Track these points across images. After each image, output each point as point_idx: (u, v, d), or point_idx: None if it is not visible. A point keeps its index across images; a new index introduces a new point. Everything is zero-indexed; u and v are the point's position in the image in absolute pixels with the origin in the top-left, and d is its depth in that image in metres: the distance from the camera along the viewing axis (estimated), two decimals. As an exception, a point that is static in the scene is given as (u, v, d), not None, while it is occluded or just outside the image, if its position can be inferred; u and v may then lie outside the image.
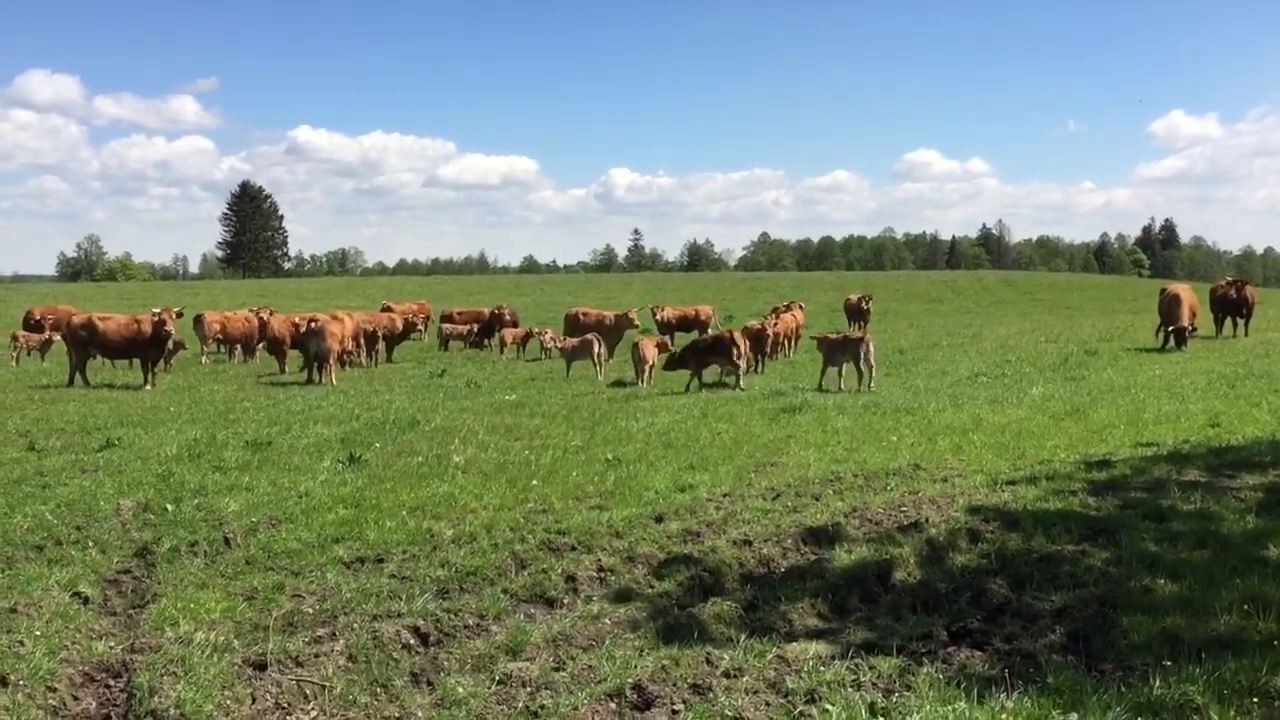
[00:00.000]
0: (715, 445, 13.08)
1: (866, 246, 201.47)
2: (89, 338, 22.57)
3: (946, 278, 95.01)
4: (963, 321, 43.78)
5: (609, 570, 8.17)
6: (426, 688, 6.19)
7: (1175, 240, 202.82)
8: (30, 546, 8.84)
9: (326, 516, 9.66)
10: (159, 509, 10.08)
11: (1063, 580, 7.50)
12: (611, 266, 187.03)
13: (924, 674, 6.04)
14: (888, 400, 16.92)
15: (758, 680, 6.13)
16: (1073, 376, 20.04)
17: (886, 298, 59.62)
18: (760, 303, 51.41)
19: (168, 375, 24.28)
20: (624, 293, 66.25)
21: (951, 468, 11.18)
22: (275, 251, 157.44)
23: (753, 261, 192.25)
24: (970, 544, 8.40)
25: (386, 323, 29.48)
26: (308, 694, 6.09)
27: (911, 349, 28.34)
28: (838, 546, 8.48)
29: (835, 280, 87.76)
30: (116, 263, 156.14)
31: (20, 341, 28.85)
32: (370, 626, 7.03)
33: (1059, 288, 77.68)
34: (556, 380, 22.45)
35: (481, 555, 8.47)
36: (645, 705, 5.87)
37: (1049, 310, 55.42)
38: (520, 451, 12.87)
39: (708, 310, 34.57)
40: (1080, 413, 14.77)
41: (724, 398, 18.11)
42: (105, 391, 21.18)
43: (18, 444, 13.82)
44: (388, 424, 15.33)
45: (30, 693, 5.98)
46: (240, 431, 14.76)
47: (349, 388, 21.70)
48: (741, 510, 9.60)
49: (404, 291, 66.96)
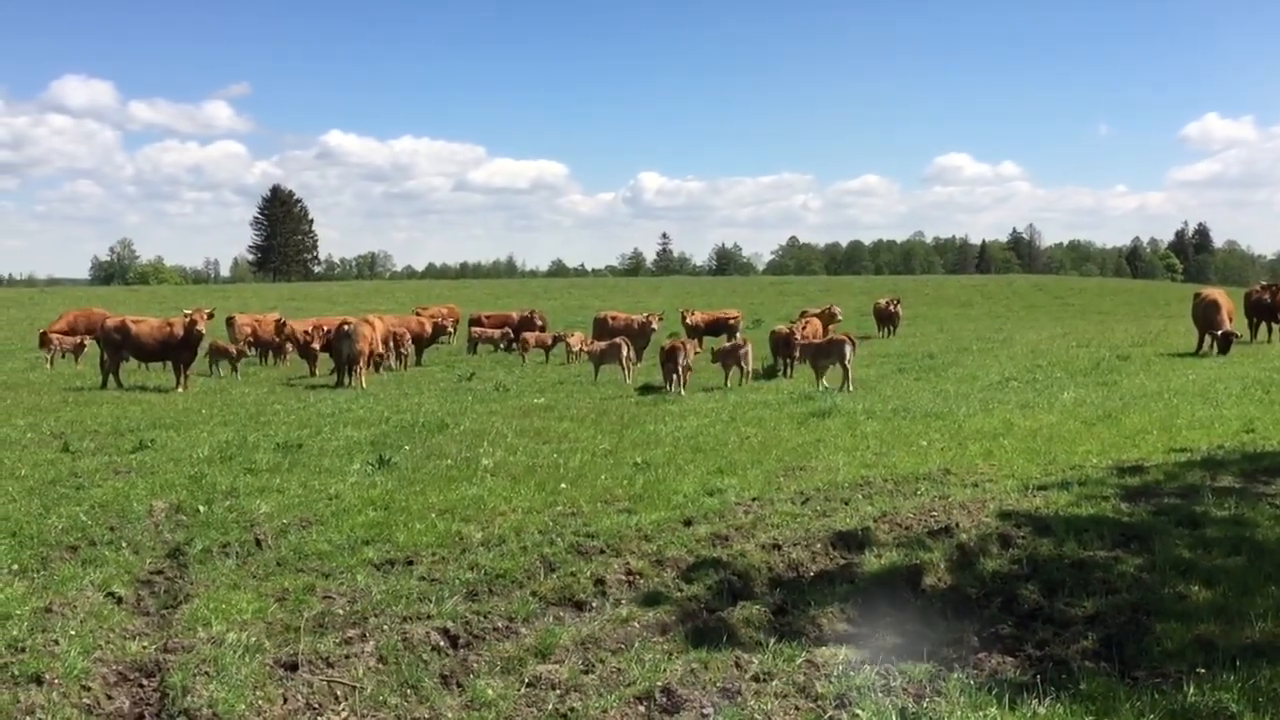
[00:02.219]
0: (744, 449, 13.05)
1: (896, 250, 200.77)
2: (122, 340, 22.79)
3: (977, 282, 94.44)
4: (993, 326, 43.49)
5: (638, 574, 8.16)
6: (456, 689, 6.21)
7: (1209, 244, 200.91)
8: (65, 547, 8.94)
9: (356, 519, 9.71)
10: (191, 510, 10.16)
11: (1095, 586, 7.44)
12: (640, 270, 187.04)
13: (955, 680, 6.01)
14: (917, 405, 16.84)
15: (787, 684, 6.12)
16: (1105, 381, 19.87)
17: (916, 302, 59.38)
18: (789, 307, 51.28)
19: (220, 377, 24.47)
20: (652, 297, 66.27)
21: (982, 473, 11.11)
22: (305, 255, 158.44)
23: (781, 266, 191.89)
24: (1001, 549, 8.35)
25: (415, 326, 29.60)
26: (338, 694, 6.13)
27: (941, 353, 28.20)
28: (867, 551, 8.44)
29: (864, 284, 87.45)
30: (149, 266, 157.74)
31: (55, 344, 29.14)
32: (400, 628, 7.06)
33: (1091, 292, 77.11)
34: (585, 384, 22.48)
35: (510, 558, 8.49)
36: (674, 708, 5.87)
37: (1080, 315, 55.01)
38: (549, 455, 12.88)
39: (737, 314, 34.51)
40: (1112, 418, 14.64)
41: (753, 402, 18.08)
42: (138, 394, 21.37)
43: (52, 445, 13.96)
44: (417, 427, 15.39)
45: (65, 691, 6.04)
46: (271, 434, 14.85)
47: (378, 391, 21.80)
48: (770, 514, 9.58)
49: (433, 295, 67.18)
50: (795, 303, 53.25)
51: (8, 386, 22.79)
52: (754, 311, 48.17)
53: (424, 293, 73.46)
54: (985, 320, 50.27)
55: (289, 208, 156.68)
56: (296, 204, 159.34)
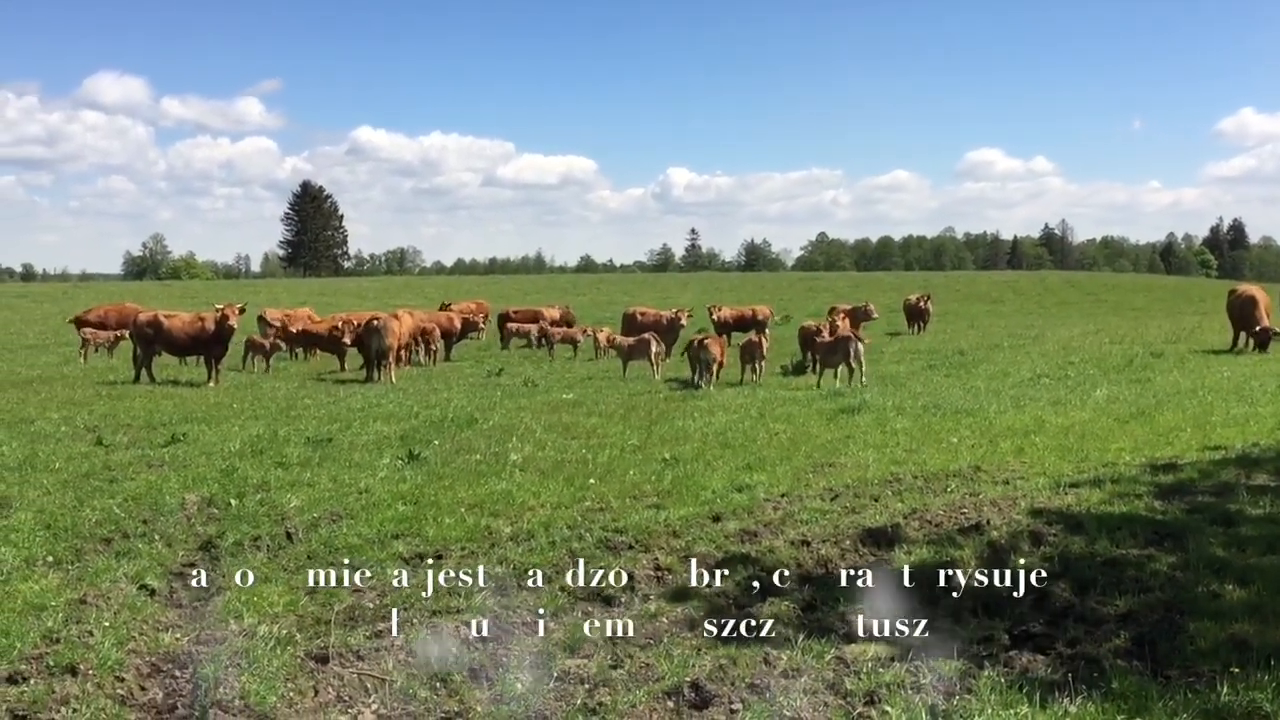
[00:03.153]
0: (773, 445, 13.02)
1: (926, 247, 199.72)
2: (155, 335, 22.97)
3: (1008, 278, 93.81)
4: (1024, 323, 43.22)
5: (666, 569, 8.16)
6: (485, 683, 6.22)
7: (1244, 240, 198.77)
8: (98, 539, 9.03)
9: (386, 513, 9.75)
10: (223, 504, 10.23)
11: (1128, 585, 7.38)
12: (668, 266, 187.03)
13: (985, 677, 5.98)
14: (948, 401, 16.75)
15: (816, 681, 6.10)
16: (1138, 379, 19.71)
17: (946, 298, 59.06)
18: (818, 303, 51.15)
19: (243, 373, 24.63)
20: (681, 292, 66.20)
21: (1013, 470, 11.04)
22: (335, 251, 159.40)
23: (810, 261, 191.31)
24: (1032, 547, 8.30)
25: (445, 322, 29.69)
26: (369, 687, 6.16)
27: (972, 350, 28.04)
28: (897, 548, 8.42)
29: (894, 281, 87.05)
30: (181, 262, 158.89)
31: (89, 339, 29.42)
32: (429, 622, 7.09)
33: (1124, 289, 76.49)
34: (613, 379, 22.48)
35: (539, 553, 8.50)
36: (703, 704, 5.86)
37: (1113, 311, 54.59)
38: (577, 450, 12.90)
39: (765, 310, 34.42)
40: (1146, 415, 14.53)
41: (782, 398, 18.04)
42: (170, 388, 21.54)
43: (86, 439, 14.09)
44: (446, 422, 15.44)
45: (99, 682, 6.10)
46: (301, 428, 14.94)
47: (407, 385, 21.89)
48: (799, 511, 9.56)
49: (462, 290, 67.43)
50: (825, 299, 53.11)
51: (42, 380, 23.03)
52: (783, 307, 48.03)
53: (453, 288, 73.71)
54: (1016, 317, 49.96)
55: (319, 203, 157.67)
56: (326, 200, 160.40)
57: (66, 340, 32.39)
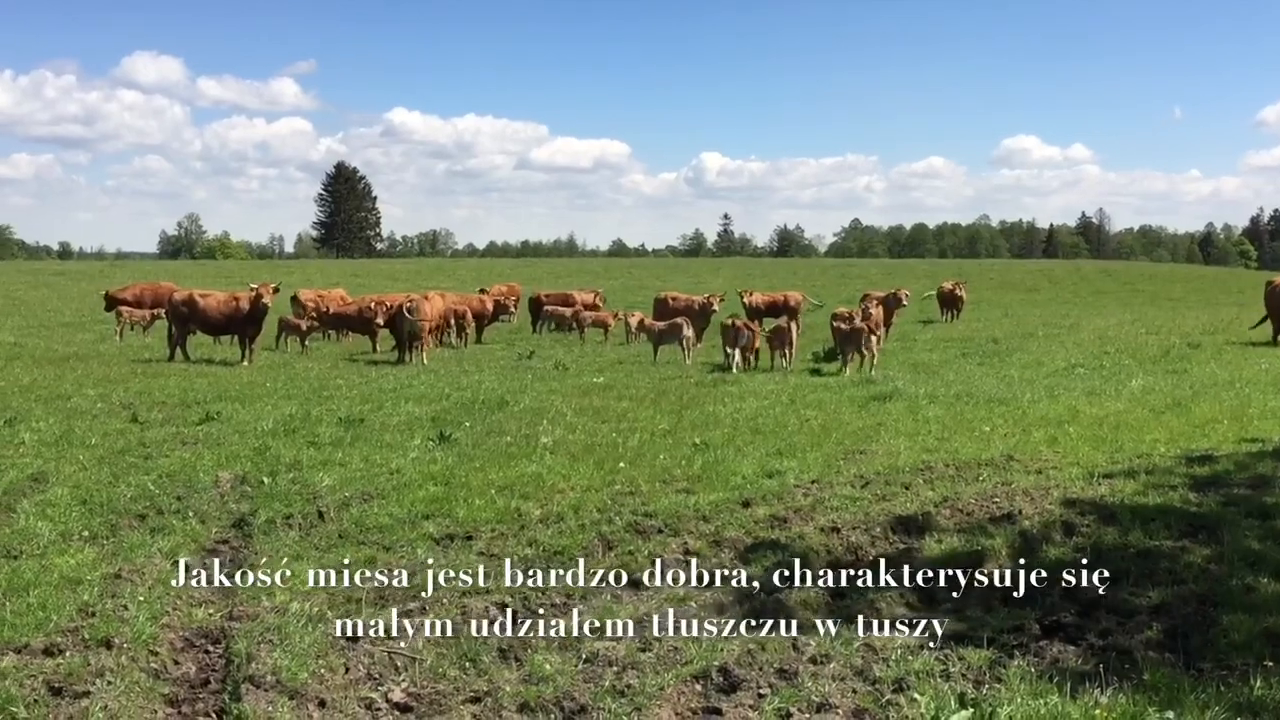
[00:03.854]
0: (804, 432, 12.99)
1: (960, 234, 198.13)
2: (190, 314, 23.16)
3: (1043, 267, 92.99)
4: (1059, 312, 42.84)
5: (695, 553, 8.16)
6: (514, 663, 6.25)
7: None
8: (133, 515, 9.14)
9: (417, 493, 9.80)
10: (256, 482, 10.32)
11: (1161, 576, 7.33)
12: (700, 251, 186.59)
13: (1015, 666, 5.96)
14: (980, 390, 16.65)
15: (845, 667, 6.09)
16: (1174, 369, 19.52)
17: (981, 286, 58.61)
18: (851, 289, 50.89)
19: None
20: (713, 278, 65.99)
21: (1046, 460, 10.96)
22: (368, 232, 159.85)
23: (843, 248, 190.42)
24: (1065, 537, 8.25)
25: (477, 304, 29.77)
26: (399, 665, 6.20)
27: (1006, 339, 27.85)
28: (928, 536, 8.38)
29: (928, 268, 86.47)
30: (215, 241, 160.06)
31: (125, 317, 29.70)
32: (459, 602, 7.13)
33: (1161, 278, 75.68)
34: (644, 364, 22.48)
35: (569, 535, 8.53)
36: (731, 688, 5.87)
37: (1150, 301, 54.05)
38: (608, 434, 12.91)
39: (797, 296, 34.29)
40: (1182, 406, 14.38)
41: (813, 384, 17.99)
42: (204, 366, 21.73)
43: (122, 415, 14.24)
44: (477, 404, 15.49)
45: (134, 656, 6.18)
46: (333, 408, 15.04)
47: (439, 367, 21.98)
48: (830, 497, 9.53)
49: (494, 273, 67.60)
50: (858, 285, 52.81)
51: (79, 358, 23.28)
52: (815, 294, 47.84)
53: (485, 271, 73.89)
54: (1051, 306, 49.56)
55: (353, 184, 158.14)
56: (360, 181, 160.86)
57: (102, 318, 32.71)
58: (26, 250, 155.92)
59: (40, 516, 8.90)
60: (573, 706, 5.68)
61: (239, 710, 5.52)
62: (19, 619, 6.62)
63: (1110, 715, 5.28)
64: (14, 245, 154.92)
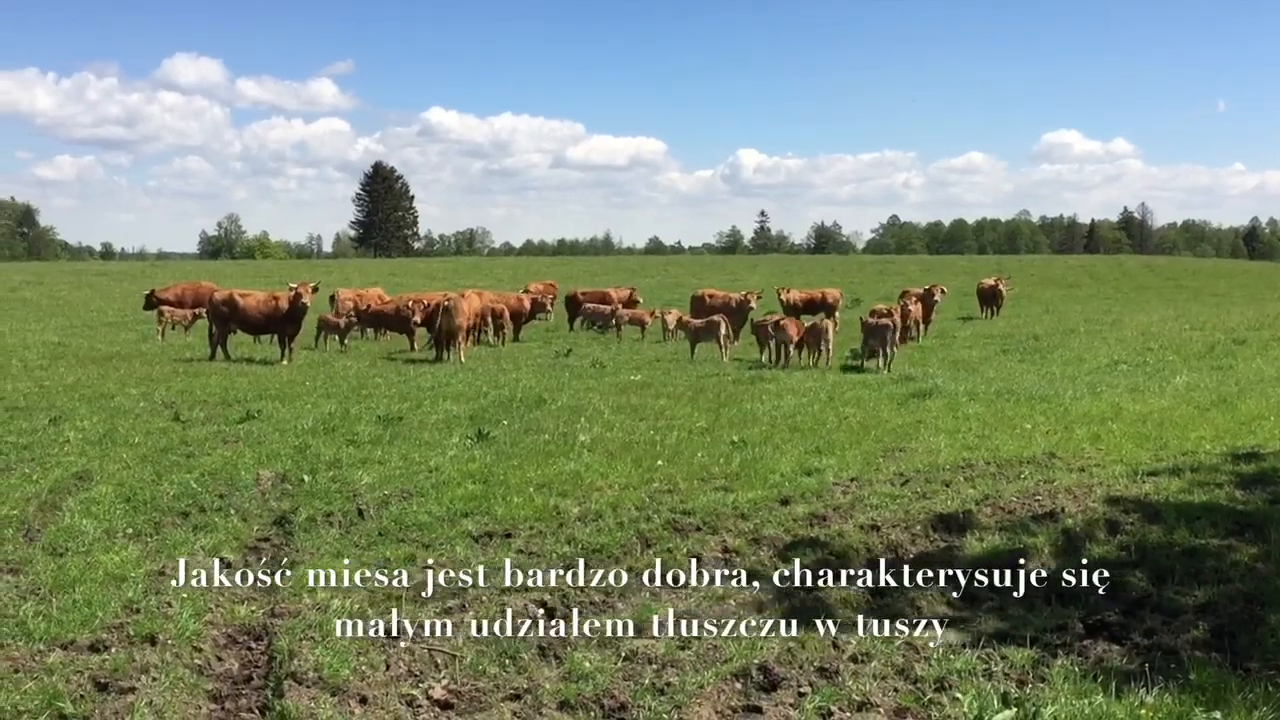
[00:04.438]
0: (842, 429, 12.92)
1: (1000, 230, 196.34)
2: (230, 313, 23.36)
3: (1085, 262, 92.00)
4: (1101, 308, 42.40)
5: (734, 551, 8.15)
6: (554, 661, 6.26)
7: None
8: (176, 513, 9.23)
9: (455, 491, 9.83)
10: (296, 480, 10.40)
11: (1207, 575, 7.24)
12: (737, 248, 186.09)
13: (1059, 666, 5.90)
14: (1021, 387, 16.51)
15: (885, 666, 6.06)
16: (1219, 365, 19.26)
17: (1021, 282, 58.03)
18: (889, 286, 50.59)
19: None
20: (750, 275, 65.83)
21: (1089, 457, 10.85)
22: (406, 231, 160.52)
23: (881, 245, 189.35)
24: (1108, 535, 8.17)
25: (514, 302, 29.83)
26: (439, 662, 6.22)
27: (1047, 335, 27.59)
28: (969, 534, 8.32)
29: (967, 264, 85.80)
30: (255, 241, 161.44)
31: (166, 317, 30.00)
32: (498, 600, 7.15)
33: (1205, 273, 74.63)
34: (681, 362, 22.45)
35: (607, 533, 8.53)
36: (771, 686, 5.84)
37: (1194, 297, 53.32)
38: (645, 431, 12.90)
39: (835, 293, 34.14)
40: (1227, 403, 14.19)
41: (851, 381, 17.89)
42: (244, 365, 21.91)
43: (164, 414, 14.39)
44: (515, 402, 15.52)
45: (178, 652, 6.24)
46: (372, 406, 15.12)
47: (476, 366, 22.04)
48: (869, 495, 9.48)
49: (530, 272, 67.71)
50: (896, 282, 52.50)
51: (121, 357, 23.54)
52: (853, 291, 47.58)
53: (521, 269, 74.09)
54: (1093, 302, 49.02)
55: (390, 184, 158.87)
56: (398, 180, 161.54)
57: (144, 318, 33.06)
58: (69, 251, 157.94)
59: (85, 514, 9.01)
60: (612, 704, 5.68)
61: (282, 706, 5.56)
62: (65, 615, 6.70)
63: (1156, 715, 5.22)
64: (57, 246, 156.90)
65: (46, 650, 6.23)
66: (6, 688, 5.69)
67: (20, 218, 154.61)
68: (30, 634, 6.43)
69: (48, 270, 78.31)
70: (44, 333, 30.29)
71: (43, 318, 36.40)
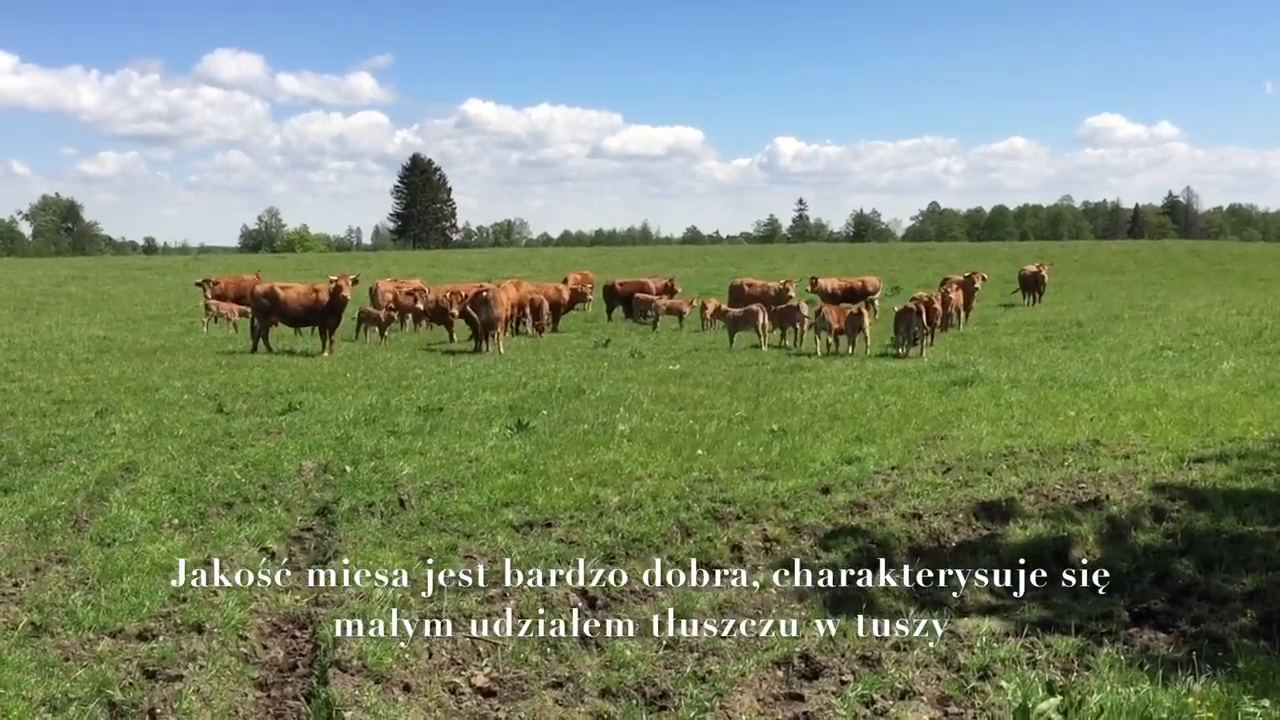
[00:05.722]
0: (883, 417, 12.84)
1: (1042, 216, 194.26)
2: (271, 306, 23.56)
3: (1129, 248, 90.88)
4: (1146, 293, 41.82)
5: (775, 540, 8.13)
6: (595, 649, 6.28)
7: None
8: (221, 503, 9.33)
9: (496, 481, 9.87)
10: (338, 470, 10.48)
11: (1255, 562, 7.15)
12: (775, 237, 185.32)
13: (1104, 654, 5.85)
14: (1065, 374, 16.34)
15: (928, 654, 6.02)
16: (1267, 351, 18.98)
17: (1063, 269, 57.42)
18: (929, 274, 50.21)
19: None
20: (788, 264, 65.54)
21: (1134, 444, 10.72)
22: (444, 223, 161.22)
23: (921, 232, 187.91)
24: (1154, 523, 8.08)
25: (553, 293, 29.88)
26: (481, 651, 6.26)
27: (1090, 321, 27.28)
28: (1012, 522, 8.25)
29: (1008, 250, 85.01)
30: (295, 234, 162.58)
31: (212, 310, 30.30)
32: (539, 589, 7.17)
33: (1252, 258, 73.46)
34: (720, 351, 22.41)
35: (647, 522, 8.53)
36: (813, 674, 5.83)
37: (1241, 282, 52.48)
38: (684, 421, 12.89)
39: (875, 280, 33.93)
40: (1276, 389, 13.98)
41: (892, 370, 17.79)
42: (286, 358, 22.08)
43: (208, 406, 14.54)
44: (554, 392, 15.56)
45: (224, 640, 6.32)
46: (413, 398, 15.20)
47: (515, 356, 22.11)
48: (910, 483, 9.42)
49: (568, 262, 67.68)
50: (936, 270, 52.10)
51: (165, 350, 23.79)
52: (893, 279, 47.27)
53: (559, 260, 74.15)
54: (1138, 287, 48.39)
55: (428, 176, 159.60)
56: (435, 172, 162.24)
57: (187, 311, 33.45)
58: (113, 246, 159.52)
59: (131, 505, 9.13)
60: (654, 692, 5.69)
61: (326, 693, 5.62)
62: (113, 604, 6.81)
63: (1203, 704, 5.15)
64: (101, 241, 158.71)
65: (96, 638, 6.33)
66: (58, 675, 5.79)
67: (65, 213, 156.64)
68: (80, 623, 6.54)
69: (92, 265, 79.27)
70: (89, 327, 30.65)
71: (88, 312, 36.82)
